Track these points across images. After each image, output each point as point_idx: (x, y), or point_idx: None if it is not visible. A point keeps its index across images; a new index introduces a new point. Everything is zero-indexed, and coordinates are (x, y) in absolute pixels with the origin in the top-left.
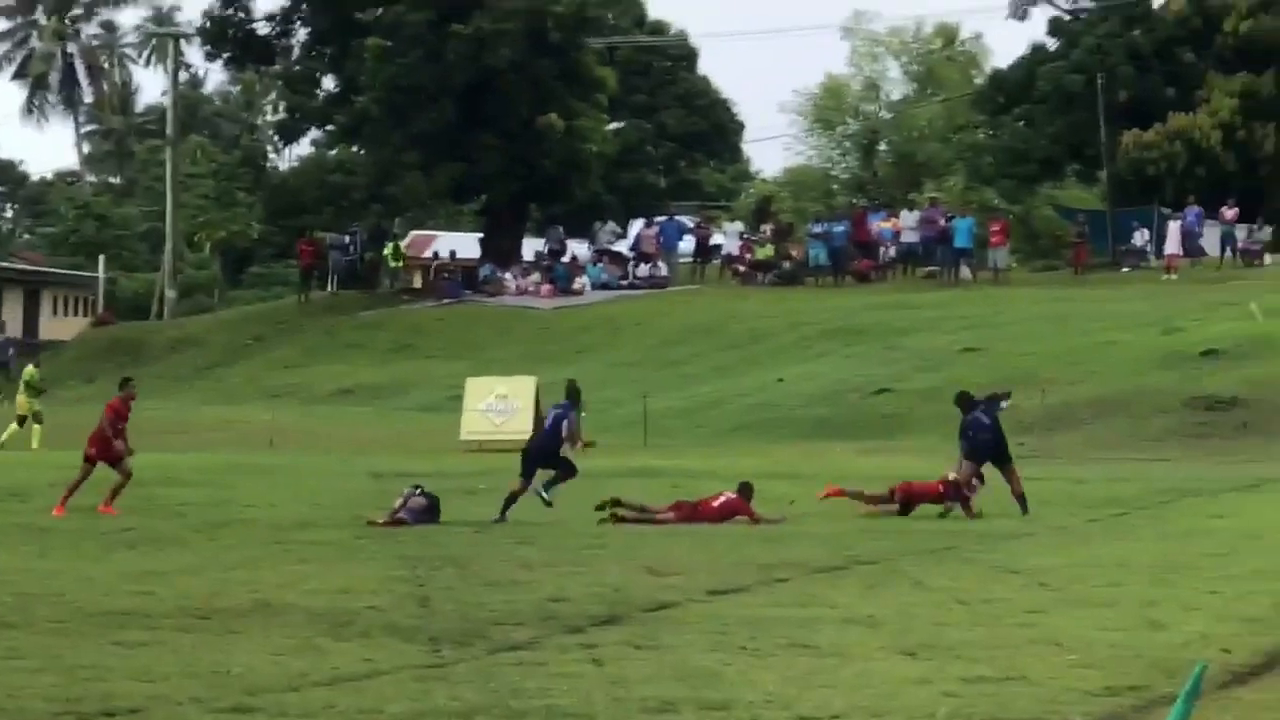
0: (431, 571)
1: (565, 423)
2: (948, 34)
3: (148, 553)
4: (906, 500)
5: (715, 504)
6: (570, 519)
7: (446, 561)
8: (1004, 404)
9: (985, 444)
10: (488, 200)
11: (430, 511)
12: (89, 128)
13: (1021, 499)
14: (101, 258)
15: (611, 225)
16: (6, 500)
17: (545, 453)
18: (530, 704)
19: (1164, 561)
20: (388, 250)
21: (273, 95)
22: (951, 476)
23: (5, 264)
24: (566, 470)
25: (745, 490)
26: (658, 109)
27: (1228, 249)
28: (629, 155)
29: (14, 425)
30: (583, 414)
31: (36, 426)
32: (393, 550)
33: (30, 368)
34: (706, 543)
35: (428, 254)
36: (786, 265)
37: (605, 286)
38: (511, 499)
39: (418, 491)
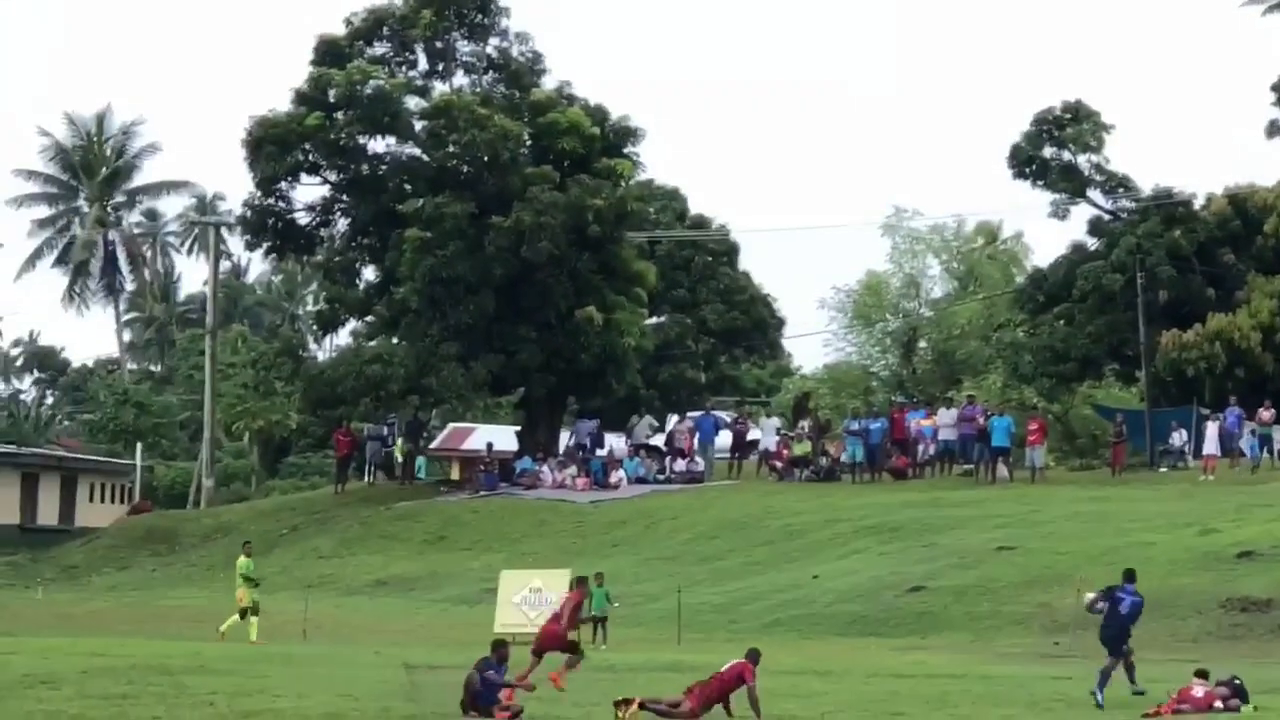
0: None
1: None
2: (989, 232)
3: None
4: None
5: (724, 670)
6: (597, 713)
7: None
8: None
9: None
10: (525, 392)
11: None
12: (130, 315)
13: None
14: (139, 445)
15: (649, 419)
16: (36, 687)
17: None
18: None
19: None
20: (396, 446)
21: (313, 285)
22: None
23: (44, 450)
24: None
25: (753, 656)
26: (698, 303)
27: (1266, 450)
28: (668, 349)
29: (235, 617)
30: (614, 604)
31: (254, 619)
32: None
33: (244, 558)
34: None
35: (466, 446)
36: (824, 461)
37: (642, 481)
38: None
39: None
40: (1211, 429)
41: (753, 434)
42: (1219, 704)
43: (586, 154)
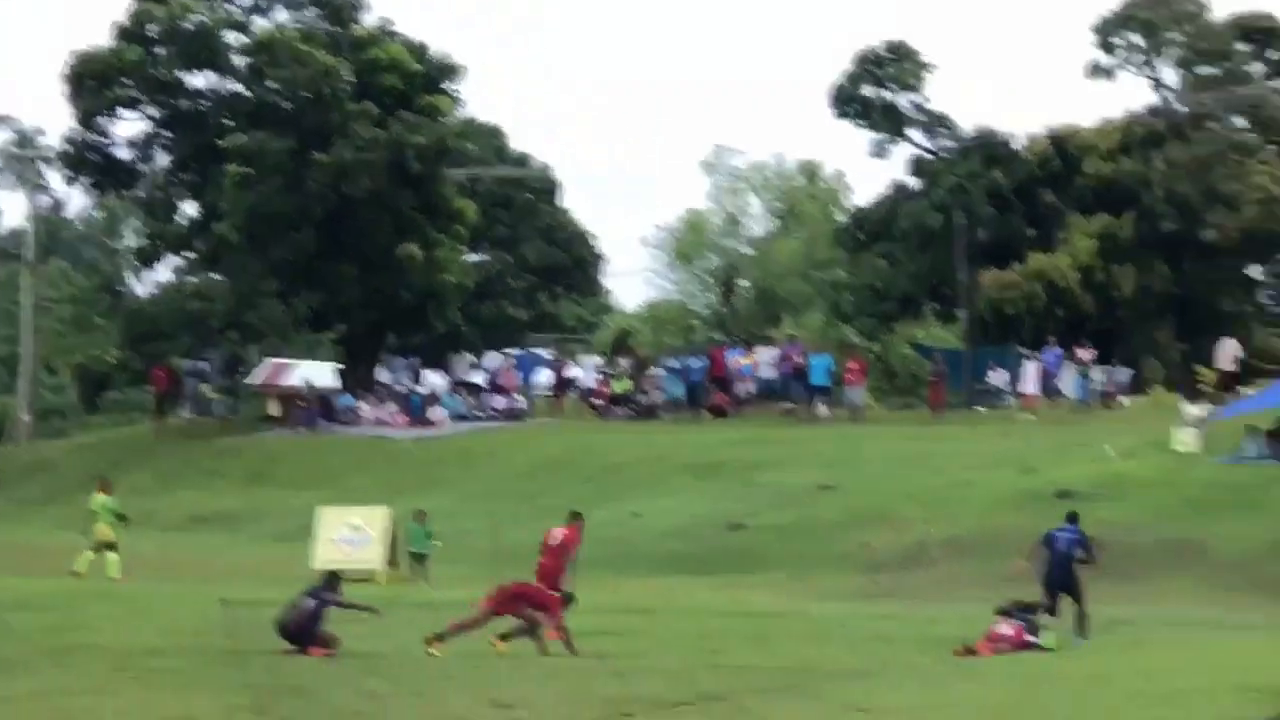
0: (275, 700)
1: None
2: (810, 170)
3: None
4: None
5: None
6: (417, 649)
7: (291, 691)
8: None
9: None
10: (346, 329)
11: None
12: None
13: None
14: None
15: (469, 356)
16: None
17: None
18: None
19: (1013, 704)
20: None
21: (133, 221)
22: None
23: None
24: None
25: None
26: (519, 241)
27: (1084, 390)
28: (489, 287)
29: (90, 553)
30: (436, 542)
31: (113, 556)
32: (238, 679)
33: (102, 495)
34: (554, 675)
35: (285, 382)
36: (644, 399)
37: (462, 418)
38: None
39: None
40: (1031, 368)
41: (572, 371)
42: (1030, 637)
43: (407, 91)
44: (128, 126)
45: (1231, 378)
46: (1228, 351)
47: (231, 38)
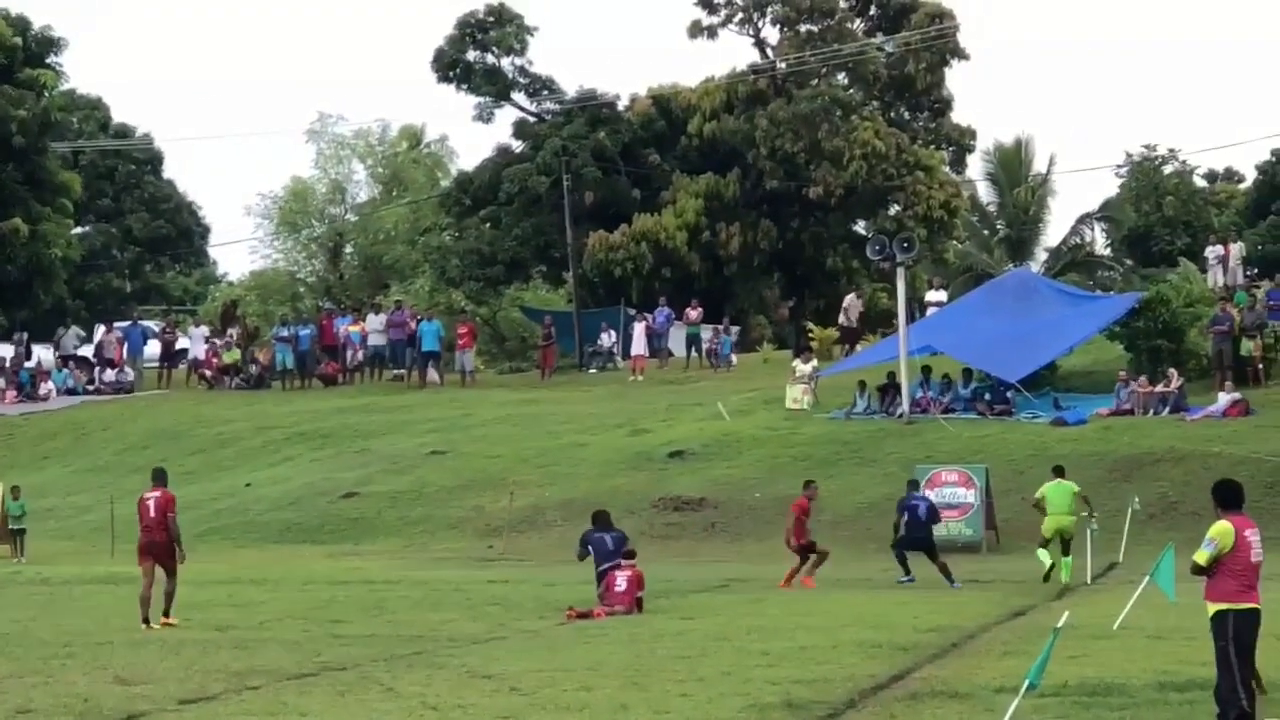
0: None
1: None
2: (413, 136)
3: None
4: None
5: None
6: (37, 628)
7: None
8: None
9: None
10: None
11: None
12: None
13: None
14: None
15: (76, 330)
16: None
17: None
18: None
19: (635, 665)
20: None
21: None
22: None
23: None
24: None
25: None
26: (124, 213)
27: (693, 349)
28: (94, 260)
29: None
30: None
31: None
32: None
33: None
34: (176, 650)
35: None
36: (253, 369)
37: (72, 392)
38: None
39: None
40: (639, 329)
41: (181, 343)
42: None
43: (9, 64)
44: None
45: (853, 333)
46: (854, 306)
47: None
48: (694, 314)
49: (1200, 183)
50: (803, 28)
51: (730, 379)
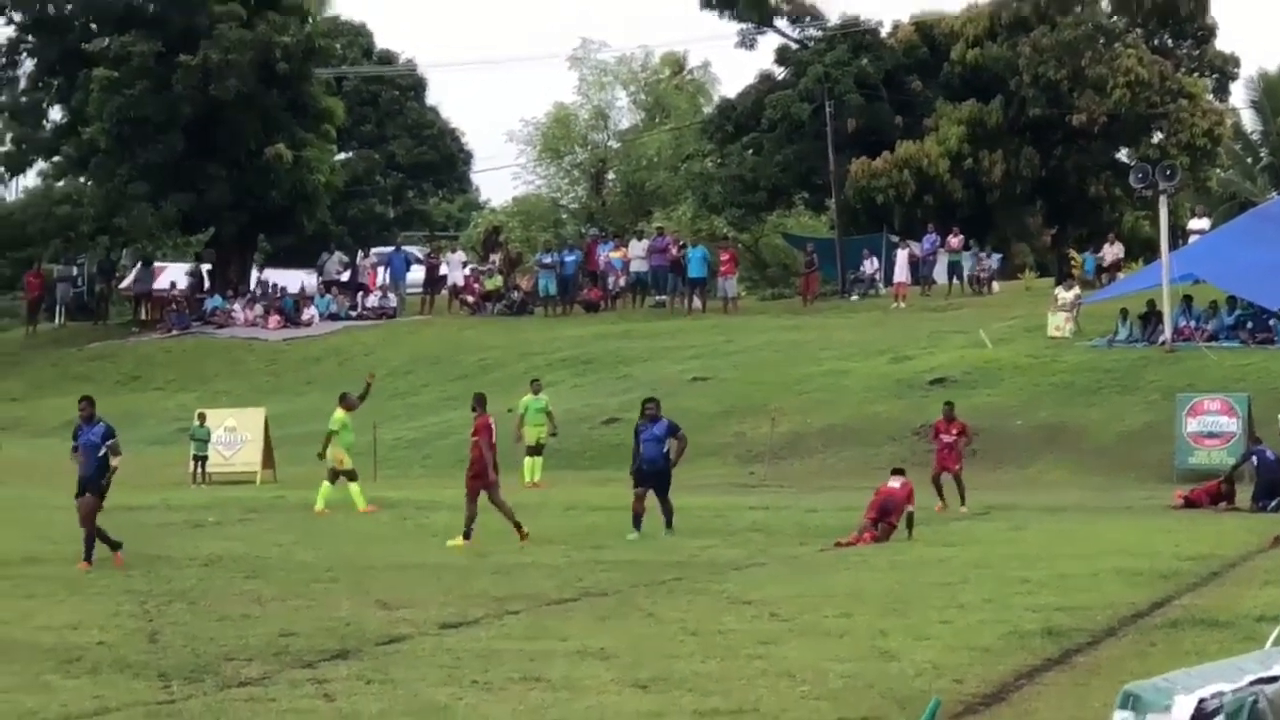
0: (161, 606)
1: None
2: (675, 62)
3: None
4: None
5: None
6: (299, 552)
7: (176, 596)
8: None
9: None
10: (216, 231)
11: None
12: None
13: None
14: None
15: (339, 255)
16: None
17: None
18: None
19: (895, 591)
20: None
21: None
22: None
23: None
24: None
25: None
26: (386, 139)
27: (955, 277)
28: (357, 186)
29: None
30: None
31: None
32: (121, 585)
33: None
34: (437, 575)
35: (155, 286)
36: (515, 295)
37: (334, 317)
38: None
39: None
40: (901, 256)
41: (443, 269)
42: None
43: None
44: None
45: (1113, 267)
46: (1113, 249)
47: None
48: (955, 241)
49: None
50: None
51: (992, 306)
